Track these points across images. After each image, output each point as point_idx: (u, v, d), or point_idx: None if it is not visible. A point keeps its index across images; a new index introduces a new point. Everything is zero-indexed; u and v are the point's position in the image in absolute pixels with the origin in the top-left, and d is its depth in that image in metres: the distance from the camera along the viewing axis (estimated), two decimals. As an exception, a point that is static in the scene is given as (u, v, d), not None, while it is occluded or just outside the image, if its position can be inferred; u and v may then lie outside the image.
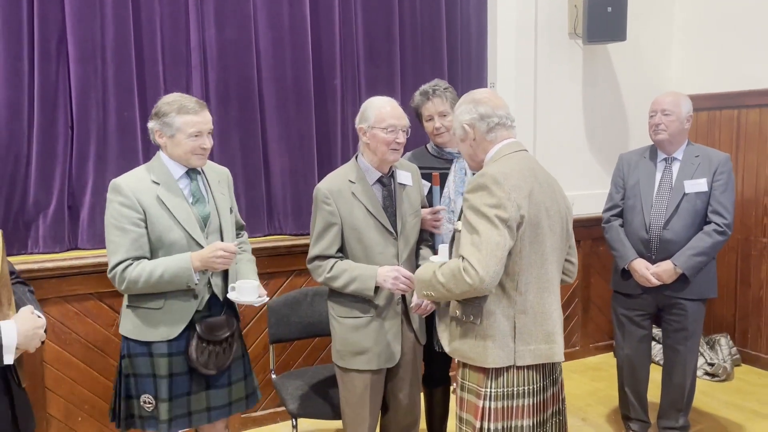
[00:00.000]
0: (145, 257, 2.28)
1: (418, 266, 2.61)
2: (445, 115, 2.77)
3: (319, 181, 3.55)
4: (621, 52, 4.44)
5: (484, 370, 1.98)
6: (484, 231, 1.87)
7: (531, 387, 2.00)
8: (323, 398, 2.79)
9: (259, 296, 2.39)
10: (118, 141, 3.24)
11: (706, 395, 3.82)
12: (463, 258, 1.88)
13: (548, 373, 2.05)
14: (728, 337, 4.30)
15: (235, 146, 3.49)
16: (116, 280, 2.27)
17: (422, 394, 2.90)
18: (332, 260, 2.46)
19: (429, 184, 2.72)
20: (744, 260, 4.29)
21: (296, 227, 3.61)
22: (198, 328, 2.33)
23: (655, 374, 3.35)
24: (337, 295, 2.53)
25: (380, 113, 2.43)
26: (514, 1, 4.04)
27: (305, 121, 3.58)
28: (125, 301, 2.39)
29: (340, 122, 3.70)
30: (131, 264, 2.26)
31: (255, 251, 3.36)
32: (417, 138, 3.23)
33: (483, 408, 1.99)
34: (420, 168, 2.72)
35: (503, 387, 1.98)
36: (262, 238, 3.55)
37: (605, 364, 4.43)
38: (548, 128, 4.26)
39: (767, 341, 4.21)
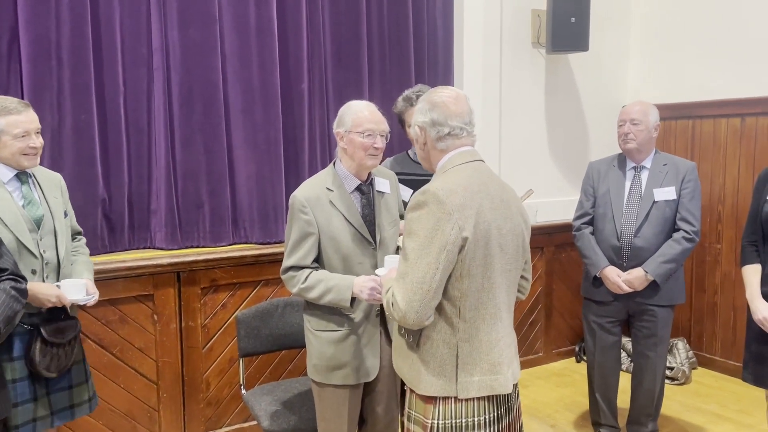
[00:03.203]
0: None
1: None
2: None
3: (286, 188, 3.53)
4: (581, 61, 4.51)
5: (430, 400, 1.83)
6: (413, 260, 1.74)
7: (482, 418, 1.82)
8: (298, 414, 2.69)
9: (88, 294, 2.35)
10: (74, 145, 3.08)
11: (667, 398, 3.88)
12: (393, 292, 1.77)
13: (502, 401, 1.88)
14: (685, 341, 4.42)
15: (199, 151, 3.36)
16: None
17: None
18: (307, 270, 2.36)
19: (410, 191, 2.67)
20: (699, 266, 4.42)
21: (263, 235, 3.50)
22: (43, 330, 2.28)
23: (622, 380, 3.39)
24: (313, 307, 2.44)
25: (357, 117, 2.36)
26: (479, 9, 4.05)
27: (272, 125, 3.48)
28: None
29: (307, 127, 3.62)
30: None
31: (220, 261, 3.32)
32: (401, 143, 3.19)
33: None
34: (401, 174, 2.66)
35: (451, 418, 1.80)
36: (227, 247, 3.43)
37: (568, 369, 4.48)
38: (512, 136, 4.28)
39: (722, 344, 4.34)
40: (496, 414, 1.86)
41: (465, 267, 1.77)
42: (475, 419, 1.82)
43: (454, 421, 1.81)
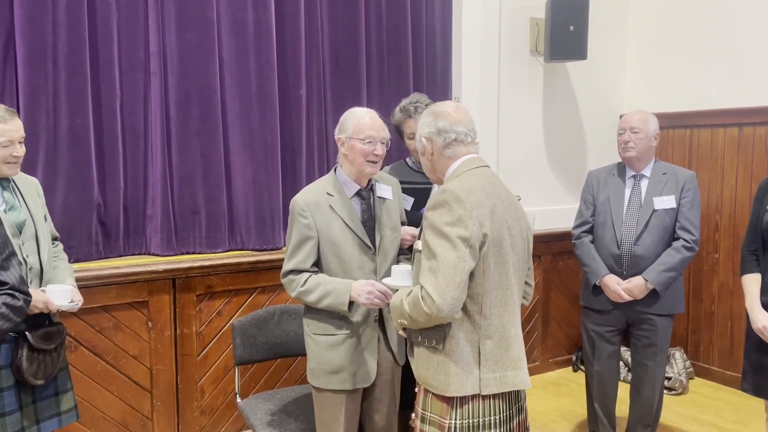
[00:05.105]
0: None
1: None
2: None
3: (283, 194, 3.50)
4: (579, 70, 4.51)
5: (448, 400, 1.87)
6: (441, 254, 1.78)
7: (497, 417, 1.89)
8: (294, 423, 2.65)
9: (72, 300, 2.32)
10: (69, 149, 3.05)
11: (665, 408, 3.83)
12: (421, 286, 1.80)
13: (514, 401, 1.95)
14: (682, 350, 4.40)
15: (196, 157, 3.33)
16: None
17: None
18: (306, 274, 2.37)
19: (411, 199, 2.65)
20: (696, 275, 4.41)
21: (260, 242, 3.46)
22: (29, 337, 2.23)
23: (621, 390, 3.36)
24: (312, 311, 2.43)
25: (359, 124, 2.37)
26: (478, 17, 4.05)
27: (269, 131, 3.46)
28: None
29: (305, 133, 3.60)
30: None
31: (216, 267, 3.28)
32: (399, 152, 3.17)
33: None
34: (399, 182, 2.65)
35: (468, 418, 1.86)
36: (223, 253, 3.39)
37: (565, 378, 4.45)
38: (510, 144, 4.28)
39: (719, 355, 4.32)
40: (509, 413, 1.93)
41: (486, 263, 1.84)
42: (491, 418, 1.88)
43: (471, 421, 1.86)
